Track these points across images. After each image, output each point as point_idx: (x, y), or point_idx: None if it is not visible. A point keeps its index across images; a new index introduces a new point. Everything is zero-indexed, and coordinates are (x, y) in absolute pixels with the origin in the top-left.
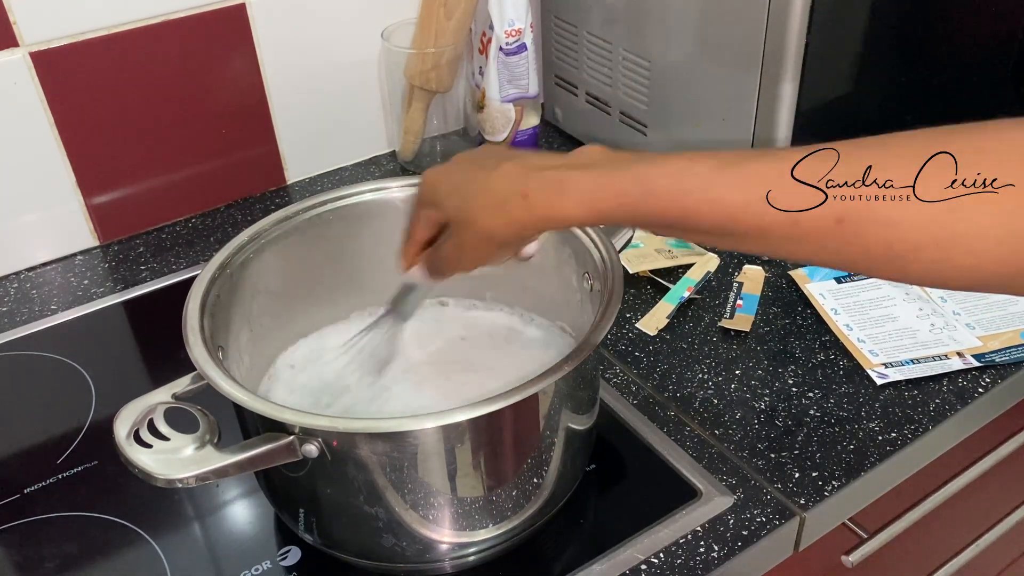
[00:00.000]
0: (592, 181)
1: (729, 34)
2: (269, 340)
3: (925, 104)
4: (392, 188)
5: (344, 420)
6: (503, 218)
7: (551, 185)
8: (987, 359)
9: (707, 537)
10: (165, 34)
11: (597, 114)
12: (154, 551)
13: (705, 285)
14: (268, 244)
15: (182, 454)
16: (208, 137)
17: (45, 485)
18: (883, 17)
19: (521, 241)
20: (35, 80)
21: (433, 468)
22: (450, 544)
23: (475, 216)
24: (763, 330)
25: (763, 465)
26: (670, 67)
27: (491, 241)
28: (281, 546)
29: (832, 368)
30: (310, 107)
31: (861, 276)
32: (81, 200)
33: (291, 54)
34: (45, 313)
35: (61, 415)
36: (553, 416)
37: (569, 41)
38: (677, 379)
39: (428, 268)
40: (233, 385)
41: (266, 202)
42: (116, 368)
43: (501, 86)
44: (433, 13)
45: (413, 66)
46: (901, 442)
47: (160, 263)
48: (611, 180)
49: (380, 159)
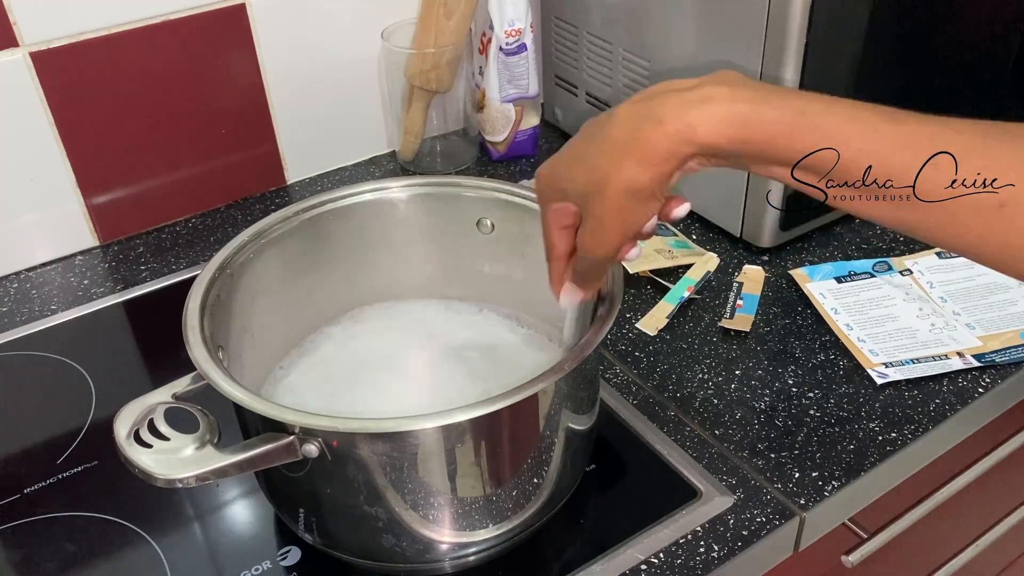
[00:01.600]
0: (745, 102)
1: (729, 34)
2: (269, 340)
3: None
4: (392, 188)
5: (344, 420)
6: (639, 156)
7: (693, 103)
8: (987, 359)
9: (707, 537)
10: (165, 34)
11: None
12: (154, 551)
13: (705, 285)
14: (268, 244)
15: (182, 454)
16: (208, 137)
17: (45, 485)
18: (883, 18)
19: (664, 184)
20: (35, 80)
21: (433, 468)
22: (450, 544)
23: (606, 175)
24: (763, 330)
25: (763, 465)
26: (670, 67)
27: (632, 196)
28: (281, 546)
29: (832, 368)
30: (310, 107)
31: (861, 276)
32: (81, 200)
33: (291, 54)
34: (45, 313)
35: (61, 415)
36: (553, 416)
37: (569, 41)
38: (677, 379)
39: (577, 282)
40: (233, 385)
41: (266, 202)
42: (116, 368)
43: (501, 86)
44: (433, 13)
45: (413, 66)
46: (901, 442)
47: (160, 263)
48: (767, 104)
49: (380, 159)
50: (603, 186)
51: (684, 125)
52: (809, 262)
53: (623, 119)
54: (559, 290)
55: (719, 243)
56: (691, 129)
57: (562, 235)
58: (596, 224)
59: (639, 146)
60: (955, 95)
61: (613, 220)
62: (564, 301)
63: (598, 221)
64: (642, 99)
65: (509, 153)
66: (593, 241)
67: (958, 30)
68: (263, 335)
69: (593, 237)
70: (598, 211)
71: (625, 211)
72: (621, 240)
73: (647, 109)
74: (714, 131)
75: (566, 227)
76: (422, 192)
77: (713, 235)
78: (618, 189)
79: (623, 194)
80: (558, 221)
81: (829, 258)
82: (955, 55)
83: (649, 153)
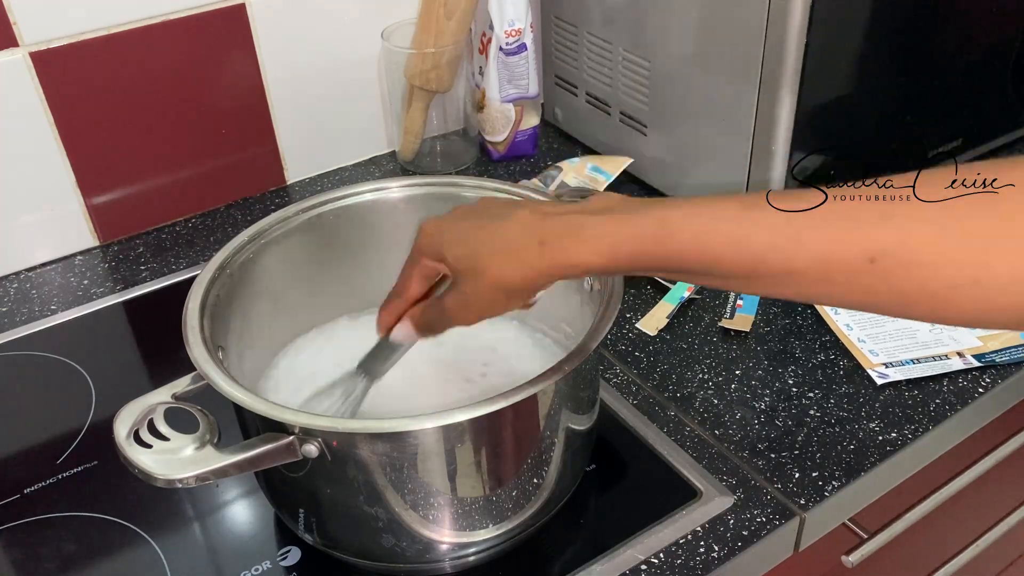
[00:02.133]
0: (612, 225)
1: (729, 34)
2: (269, 340)
3: (925, 105)
4: (392, 188)
5: (344, 420)
6: (518, 266)
7: (569, 230)
8: (987, 359)
9: (707, 537)
10: (165, 34)
11: (597, 114)
12: (154, 551)
13: None
14: (268, 244)
15: (182, 454)
16: (208, 137)
17: (45, 485)
18: (883, 18)
19: (533, 290)
20: (35, 80)
21: (433, 468)
22: (450, 544)
23: (486, 265)
24: (763, 330)
25: (763, 465)
26: (670, 67)
27: (502, 291)
28: (281, 546)
29: (832, 368)
30: (310, 107)
31: None
32: (81, 200)
33: (291, 54)
34: (45, 313)
35: (61, 415)
36: (553, 416)
37: (569, 41)
38: (677, 379)
39: (418, 325)
40: (233, 385)
41: (266, 202)
42: (116, 368)
43: (501, 86)
44: (433, 13)
45: (413, 66)
46: (901, 442)
47: (160, 263)
48: (631, 223)
49: (380, 159)
50: (479, 273)
51: (560, 251)
52: None
53: (516, 225)
54: (391, 324)
55: None
56: (566, 255)
57: (421, 284)
58: (463, 300)
59: (522, 257)
60: (955, 95)
61: (479, 303)
62: (397, 335)
63: (466, 300)
64: (539, 211)
65: (509, 153)
66: (456, 311)
67: (958, 29)
68: (263, 335)
69: (457, 308)
70: (468, 291)
71: (493, 301)
72: (481, 318)
73: (537, 228)
74: (586, 256)
75: (428, 278)
76: (422, 192)
77: None
78: (491, 282)
79: (494, 288)
80: (423, 272)
81: None
82: (955, 54)
83: (528, 268)
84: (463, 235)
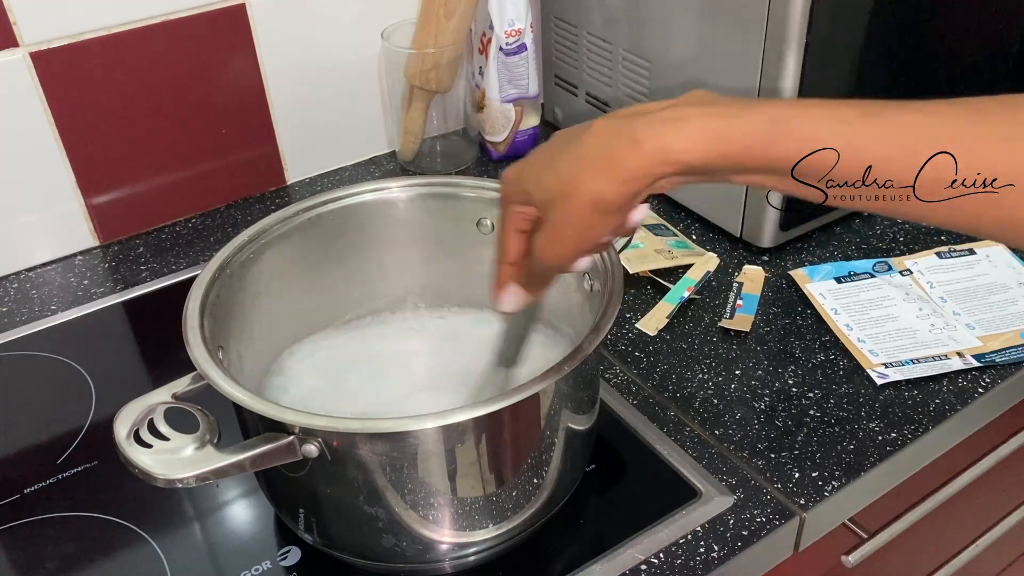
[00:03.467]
0: (719, 119)
1: (729, 34)
2: (269, 340)
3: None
4: (392, 188)
5: (344, 420)
6: (611, 173)
7: (667, 123)
8: (987, 359)
9: (707, 537)
10: (165, 34)
11: (597, 114)
12: (154, 551)
13: (705, 285)
14: (268, 244)
15: (182, 454)
16: (208, 137)
17: (45, 485)
18: (883, 17)
19: (631, 201)
20: (35, 80)
21: (433, 468)
22: (450, 544)
23: (575, 183)
24: (763, 330)
25: (763, 465)
26: (670, 67)
27: (597, 208)
28: (281, 546)
29: (832, 368)
30: (310, 107)
31: (861, 276)
32: (81, 200)
33: (291, 54)
34: (45, 313)
35: (61, 415)
36: (553, 416)
37: (569, 41)
38: (677, 379)
39: (524, 284)
40: (233, 385)
41: (266, 202)
42: (116, 368)
43: (501, 86)
44: (433, 13)
45: (413, 66)
46: (901, 442)
47: (160, 263)
48: (741, 118)
49: (380, 159)
50: (569, 196)
51: (659, 145)
52: (809, 262)
53: (599, 133)
54: (501, 292)
55: (719, 243)
56: (665, 149)
57: (518, 239)
58: (555, 232)
59: (612, 162)
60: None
61: (573, 231)
62: (506, 304)
63: (557, 229)
64: (619, 116)
65: (509, 153)
66: (549, 248)
67: (959, 29)
68: (263, 335)
69: (550, 244)
70: (559, 220)
71: (586, 224)
72: (577, 251)
73: (624, 126)
74: (688, 149)
75: (523, 231)
76: (422, 192)
77: (713, 235)
78: (583, 201)
79: (587, 207)
80: (516, 224)
81: (829, 258)
82: (956, 54)
83: (621, 171)
84: (544, 164)
